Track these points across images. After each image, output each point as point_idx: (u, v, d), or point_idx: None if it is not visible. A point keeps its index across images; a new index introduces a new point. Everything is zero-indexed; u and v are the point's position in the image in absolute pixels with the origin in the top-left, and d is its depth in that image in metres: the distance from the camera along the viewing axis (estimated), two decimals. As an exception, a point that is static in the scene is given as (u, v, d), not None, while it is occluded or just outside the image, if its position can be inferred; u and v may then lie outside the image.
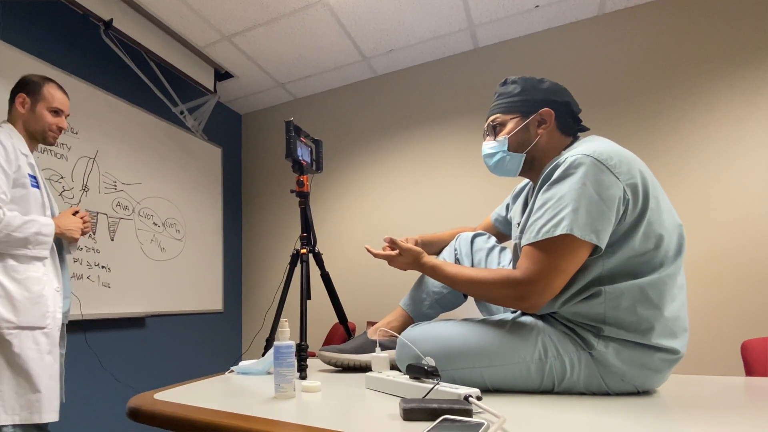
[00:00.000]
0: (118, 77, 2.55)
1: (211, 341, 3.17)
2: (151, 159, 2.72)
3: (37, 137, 1.55)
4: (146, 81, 2.65)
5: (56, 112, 1.55)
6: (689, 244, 2.21)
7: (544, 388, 0.90)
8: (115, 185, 2.46)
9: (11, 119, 1.53)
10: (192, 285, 2.99)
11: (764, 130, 2.14)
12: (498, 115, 1.07)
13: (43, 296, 1.43)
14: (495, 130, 1.07)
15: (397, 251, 1.17)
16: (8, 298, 1.36)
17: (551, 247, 0.85)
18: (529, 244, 0.89)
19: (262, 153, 3.61)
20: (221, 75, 3.08)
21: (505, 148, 1.05)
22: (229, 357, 3.31)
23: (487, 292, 0.95)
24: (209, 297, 3.16)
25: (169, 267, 2.81)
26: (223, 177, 3.39)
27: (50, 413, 1.39)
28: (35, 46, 2.10)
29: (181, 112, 2.96)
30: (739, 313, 2.11)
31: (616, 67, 2.47)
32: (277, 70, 3.06)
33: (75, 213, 1.59)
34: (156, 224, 2.73)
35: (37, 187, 1.50)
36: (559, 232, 0.84)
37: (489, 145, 1.08)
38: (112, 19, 2.26)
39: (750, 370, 1.44)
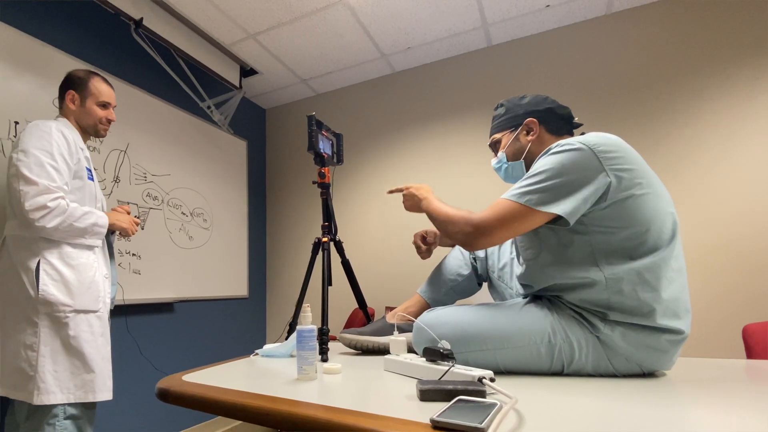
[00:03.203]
0: (147, 74, 2.62)
1: (236, 326, 3.24)
2: (179, 152, 2.80)
3: (89, 131, 1.61)
4: (175, 77, 2.72)
5: (104, 105, 1.61)
6: (693, 235, 2.25)
7: (554, 369, 0.94)
8: (145, 177, 2.53)
9: (64, 115, 1.58)
10: (218, 272, 3.06)
11: (764, 123, 2.16)
12: (495, 135, 1.23)
13: (95, 281, 1.48)
14: (495, 147, 1.23)
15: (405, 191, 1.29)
16: (64, 283, 1.40)
17: (510, 208, 0.93)
18: (502, 198, 0.96)
19: (285, 146, 3.69)
20: (246, 71, 3.15)
21: (505, 160, 1.18)
22: (253, 341, 3.39)
23: (450, 227, 1.03)
24: (235, 283, 3.23)
25: (197, 255, 2.88)
26: (248, 169, 3.46)
27: (104, 392, 1.44)
28: (70, 44, 2.18)
29: (208, 107, 3.03)
30: (741, 299, 2.13)
31: (622, 63, 2.51)
32: (300, 67, 3.12)
33: (127, 213, 1.67)
34: (184, 214, 2.81)
35: (92, 179, 1.56)
36: (523, 201, 0.91)
37: (493, 161, 1.23)
38: (142, 18, 2.32)
39: (751, 353, 1.46)
